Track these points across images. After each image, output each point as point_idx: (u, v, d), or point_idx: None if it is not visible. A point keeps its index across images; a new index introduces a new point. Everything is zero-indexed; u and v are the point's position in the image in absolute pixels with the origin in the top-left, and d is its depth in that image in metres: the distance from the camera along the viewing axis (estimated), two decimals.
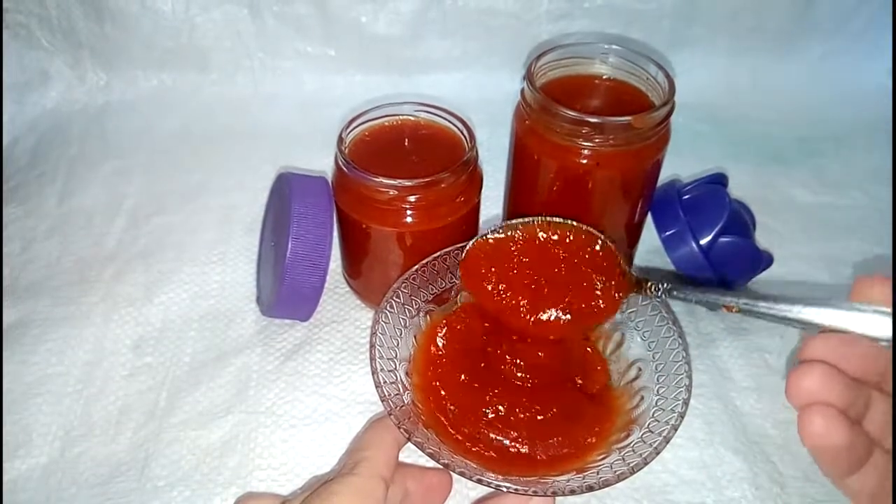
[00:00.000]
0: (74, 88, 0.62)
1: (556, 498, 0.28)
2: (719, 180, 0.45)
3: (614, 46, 0.41)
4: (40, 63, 0.61)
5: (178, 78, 0.63)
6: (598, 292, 0.33)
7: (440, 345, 0.35)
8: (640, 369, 0.34)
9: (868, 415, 0.22)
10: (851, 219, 0.53)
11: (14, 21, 0.59)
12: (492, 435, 0.32)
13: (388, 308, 0.34)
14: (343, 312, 0.44)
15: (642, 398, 0.33)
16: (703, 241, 0.41)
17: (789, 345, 0.43)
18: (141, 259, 0.48)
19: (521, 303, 0.34)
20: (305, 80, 0.64)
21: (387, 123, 0.41)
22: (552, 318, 0.33)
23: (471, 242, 0.35)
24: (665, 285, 0.31)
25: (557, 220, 0.34)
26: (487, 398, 0.33)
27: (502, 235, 0.35)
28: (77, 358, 0.41)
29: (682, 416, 0.30)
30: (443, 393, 0.33)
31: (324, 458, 0.37)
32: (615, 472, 0.28)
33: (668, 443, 0.29)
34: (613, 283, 0.33)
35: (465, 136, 0.39)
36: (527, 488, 0.28)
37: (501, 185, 0.46)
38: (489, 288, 0.34)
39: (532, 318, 0.34)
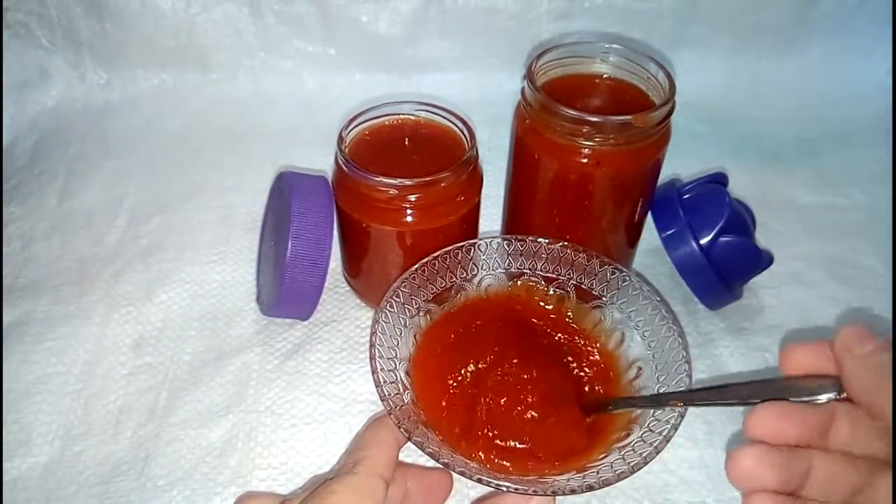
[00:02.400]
0: (75, 87, 0.62)
1: (557, 497, 0.28)
2: (719, 180, 0.45)
3: (615, 46, 0.41)
4: (40, 62, 0.61)
5: (178, 77, 0.63)
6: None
7: (438, 347, 0.35)
8: (640, 368, 0.34)
9: (811, 476, 0.23)
10: (851, 218, 0.53)
11: (14, 20, 0.59)
12: (490, 435, 0.32)
13: (387, 307, 0.34)
14: (343, 312, 0.44)
15: None
16: (703, 241, 0.41)
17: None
18: (141, 258, 0.48)
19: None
20: (306, 80, 0.64)
21: (387, 123, 0.41)
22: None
23: None
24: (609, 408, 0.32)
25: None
26: (484, 400, 0.33)
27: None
28: (77, 357, 0.42)
29: (682, 415, 0.30)
30: (441, 393, 0.33)
31: (324, 458, 0.37)
32: (615, 471, 0.28)
33: (668, 442, 0.29)
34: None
35: (465, 136, 0.39)
36: (527, 488, 0.28)
37: (501, 184, 0.46)
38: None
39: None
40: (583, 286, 0.38)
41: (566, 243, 0.38)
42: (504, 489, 0.28)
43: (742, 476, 0.23)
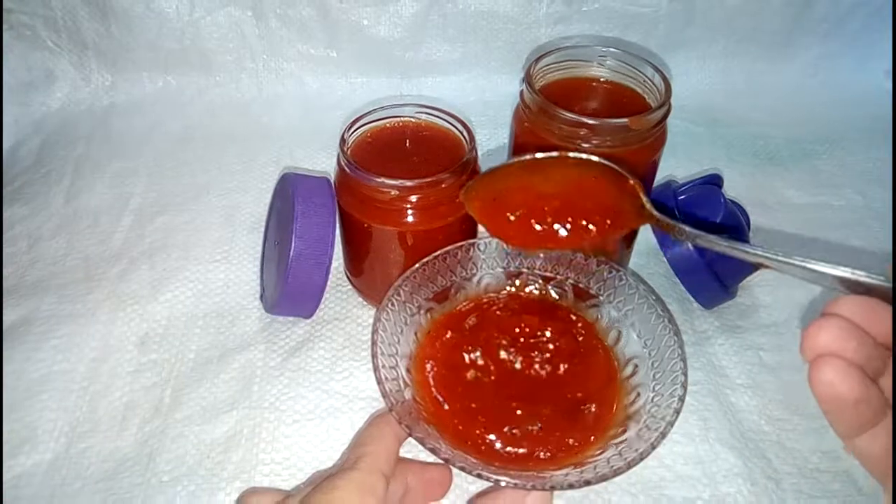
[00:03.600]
0: (80, 89, 0.63)
1: (554, 492, 0.29)
2: (714, 181, 0.46)
3: (612, 49, 0.41)
4: (45, 64, 0.62)
5: (182, 79, 0.63)
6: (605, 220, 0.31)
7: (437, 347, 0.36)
8: (636, 366, 0.35)
9: (885, 376, 0.21)
10: (846, 219, 0.53)
11: (19, 21, 0.60)
12: (490, 437, 0.32)
13: (389, 306, 0.35)
14: (345, 310, 0.45)
15: (638, 394, 0.33)
16: None
17: (784, 342, 0.43)
18: (146, 257, 0.49)
19: (534, 216, 0.33)
20: (308, 82, 0.64)
21: (388, 125, 0.42)
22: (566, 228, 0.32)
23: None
24: (691, 232, 0.30)
25: (581, 156, 0.33)
26: (485, 402, 0.33)
27: (517, 164, 0.34)
28: (83, 355, 0.42)
29: (677, 412, 0.30)
30: (441, 394, 0.34)
31: (326, 453, 0.37)
32: (612, 466, 0.29)
33: (664, 438, 0.29)
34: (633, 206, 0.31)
35: (465, 137, 0.40)
36: (525, 483, 0.28)
37: None
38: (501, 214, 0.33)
39: (541, 228, 0.32)
40: (580, 285, 0.38)
41: None
42: (503, 484, 0.28)
43: (819, 346, 0.20)
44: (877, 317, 0.21)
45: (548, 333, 0.37)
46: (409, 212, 0.37)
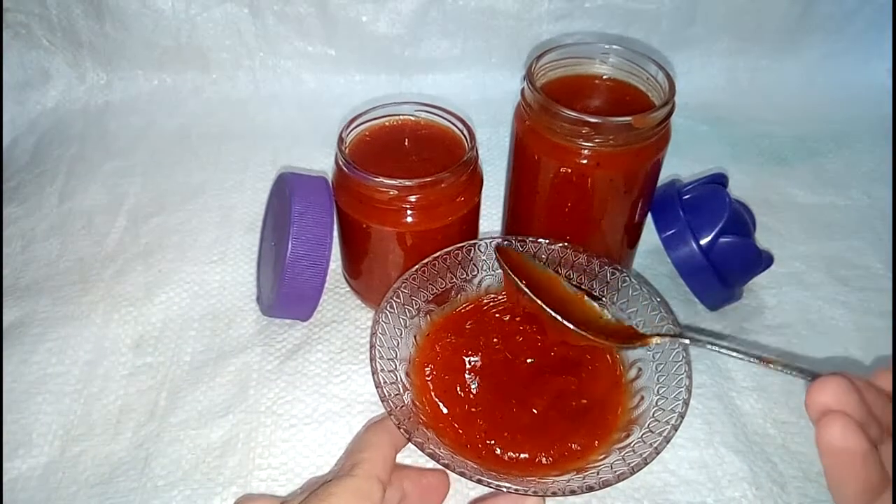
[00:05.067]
0: (75, 88, 0.62)
1: (557, 497, 0.28)
2: (719, 180, 0.45)
3: (614, 46, 0.41)
4: (41, 62, 0.61)
5: (178, 77, 0.63)
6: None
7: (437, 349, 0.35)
8: (640, 369, 0.34)
9: (884, 444, 0.22)
10: (851, 219, 0.53)
11: (14, 20, 0.59)
12: (490, 442, 0.32)
13: (388, 308, 0.35)
14: (343, 312, 0.44)
15: (642, 398, 0.33)
16: (703, 241, 0.41)
17: (790, 344, 0.43)
18: (141, 259, 0.48)
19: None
20: (306, 80, 0.64)
21: (387, 123, 0.41)
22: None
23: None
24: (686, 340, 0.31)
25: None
26: (483, 405, 0.33)
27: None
28: (77, 357, 0.42)
29: (682, 416, 0.30)
30: (441, 398, 0.33)
31: (324, 458, 0.37)
32: (615, 472, 0.28)
33: (668, 443, 0.29)
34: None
35: (465, 136, 0.39)
36: (526, 488, 0.28)
37: (501, 184, 0.46)
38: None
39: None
40: (583, 287, 0.38)
41: (566, 244, 0.38)
42: (504, 489, 0.28)
43: (823, 403, 0.21)
44: (867, 393, 0.22)
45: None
46: (409, 212, 0.37)
